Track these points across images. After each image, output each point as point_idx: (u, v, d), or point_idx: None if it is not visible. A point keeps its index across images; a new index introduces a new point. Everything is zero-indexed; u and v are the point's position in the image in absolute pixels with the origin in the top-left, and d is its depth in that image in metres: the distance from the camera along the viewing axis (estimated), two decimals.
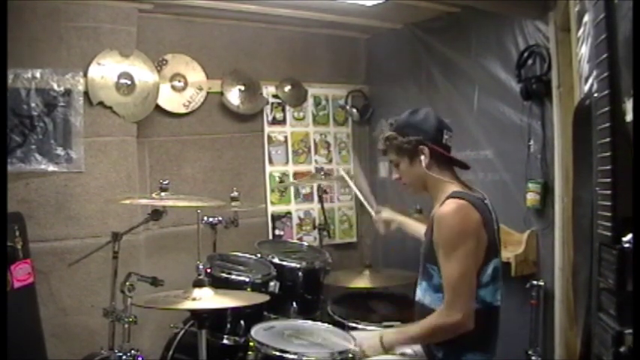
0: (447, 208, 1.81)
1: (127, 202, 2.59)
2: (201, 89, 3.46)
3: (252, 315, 2.44)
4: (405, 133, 1.92)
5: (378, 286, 3.02)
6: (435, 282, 1.87)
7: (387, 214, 2.46)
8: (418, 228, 2.27)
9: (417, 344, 1.95)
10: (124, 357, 2.26)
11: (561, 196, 2.61)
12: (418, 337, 1.89)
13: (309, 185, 3.77)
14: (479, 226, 1.79)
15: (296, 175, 3.81)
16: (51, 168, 2.84)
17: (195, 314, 2.10)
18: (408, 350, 1.98)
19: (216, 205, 2.68)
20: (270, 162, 3.75)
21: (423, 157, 1.90)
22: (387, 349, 1.91)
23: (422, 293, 1.95)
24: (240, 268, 2.70)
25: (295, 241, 3.63)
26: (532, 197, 2.75)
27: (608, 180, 1.02)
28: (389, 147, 1.98)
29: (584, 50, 1.67)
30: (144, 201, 2.58)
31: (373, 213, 2.50)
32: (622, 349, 0.93)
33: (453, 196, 1.84)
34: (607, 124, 1.02)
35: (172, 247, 3.30)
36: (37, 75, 2.81)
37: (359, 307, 2.84)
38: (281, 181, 3.73)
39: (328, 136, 3.98)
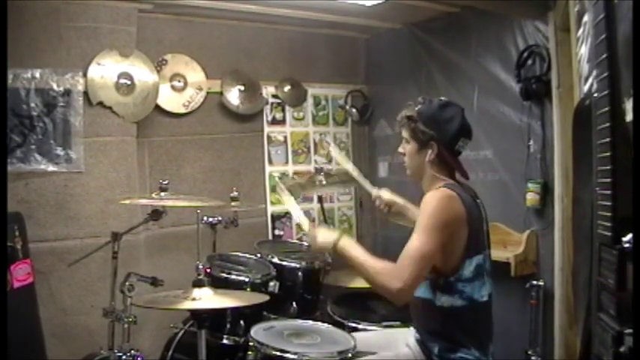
0: (434, 192, 1.84)
1: (127, 202, 2.58)
2: (200, 89, 3.46)
3: (252, 315, 2.44)
4: (424, 123, 1.91)
5: None
6: None
7: (387, 195, 2.37)
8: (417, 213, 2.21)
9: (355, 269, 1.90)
10: (123, 357, 2.25)
11: (561, 196, 2.61)
12: (361, 268, 1.82)
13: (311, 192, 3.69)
14: (460, 218, 1.79)
15: (296, 175, 3.80)
16: (51, 168, 2.84)
17: (195, 314, 2.10)
18: (405, 349, 1.99)
19: (216, 205, 2.67)
20: (270, 162, 3.75)
21: (430, 152, 1.91)
22: (335, 252, 1.91)
23: None
24: (240, 268, 2.69)
25: (295, 241, 3.63)
26: (532, 197, 2.75)
27: (608, 180, 1.02)
28: (405, 124, 1.96)
29: (584, 50, 1.68)
30: (144, 201, 2.58)
31: (373, 191, 2.41)
32: (622, 349, 0.92)
33: (443, 186, 1.86)
34: (607, 124, 1.02)
35: (172, 247, 3.30)
36: (37, 75, 2.81)
37: (359, 307, 2.83)
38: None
39: (328, 136, 3.98)
